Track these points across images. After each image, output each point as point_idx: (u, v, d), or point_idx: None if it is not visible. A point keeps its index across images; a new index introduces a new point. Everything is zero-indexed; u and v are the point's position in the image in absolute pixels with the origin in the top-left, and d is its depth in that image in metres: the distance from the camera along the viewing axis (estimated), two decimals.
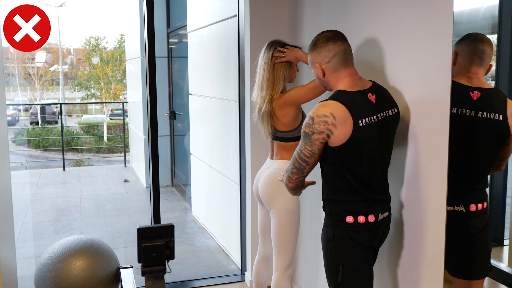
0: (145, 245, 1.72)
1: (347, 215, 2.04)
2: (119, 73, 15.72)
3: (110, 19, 22.42)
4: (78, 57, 18.29)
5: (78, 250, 3.11)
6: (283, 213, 2.67)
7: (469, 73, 2.02)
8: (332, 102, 1.98)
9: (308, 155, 2.01)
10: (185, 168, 6.61)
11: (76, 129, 16.10)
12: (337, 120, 1.94)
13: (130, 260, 4.28)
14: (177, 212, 5.86)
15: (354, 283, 2.09)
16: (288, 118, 2.62)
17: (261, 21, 3.40)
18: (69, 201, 6.23)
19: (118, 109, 18.32)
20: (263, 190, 2.74)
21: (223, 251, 4.45)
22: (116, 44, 16.02)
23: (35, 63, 16.88)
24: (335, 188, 2.08)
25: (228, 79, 4.15)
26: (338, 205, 2.07)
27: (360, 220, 2.03)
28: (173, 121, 6.93)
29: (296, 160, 2.06)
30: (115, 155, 13.24)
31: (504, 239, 2.33)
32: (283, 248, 2.71)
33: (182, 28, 6.10)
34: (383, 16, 2.30)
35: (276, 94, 2.62)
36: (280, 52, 2.64)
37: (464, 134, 2.03)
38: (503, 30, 2.48)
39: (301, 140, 2.04)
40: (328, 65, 2.07)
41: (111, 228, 5.21)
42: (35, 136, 13.08)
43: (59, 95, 20.53)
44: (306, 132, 1.99)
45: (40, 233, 5.05)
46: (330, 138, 1.96)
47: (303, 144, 2.02)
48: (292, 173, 2.09)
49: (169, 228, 1.77)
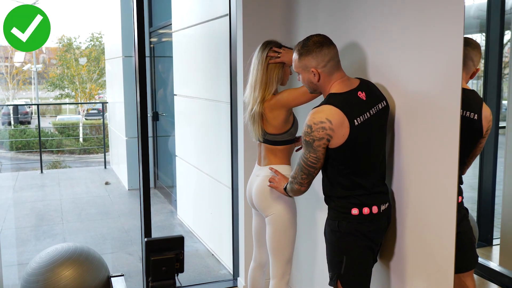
0: (154, 258, 1.62)
1: (352, 207, 2.13)
2: (95, 73, 15.44)
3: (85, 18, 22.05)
4: (50, 57, 17.94)
5: (67, 259, 2.98)
6: (279, 219, 2.60)
7: None
8: (326, 107, 2.07)
9: (314, 161, 2.12)
10: (169, 170, 6.48)
11: (51, 129, 15.77)
12: (333, 124, 2.03)
13: (117, 267, 4.15)
14: (162, 215, 5.73)
15: (356, 274, 2.17)
16: (278, 120, 2.55)
17: (254, 20, 3.32)
18: (49, 205, 6.03)
19: (94, 109, 18.03)
20: (257, 199, 2.66)
21: (213, 256, 4.35)
22: (90, 44, 15.73)
23: (13, 62, 16.48)
24: (338, 186, 2.17)
25: (219, 80, 4.05)
26: (342, 200, 2.16)
27: (365, 211, 2.12)
28: (155, 122, 6.79)
29: (303, 167, 2.17)
30: (92, 156, 12.99)
31: (493, 239, 2.36)
32: (279, 255, 2.63)
33: (166, 27, 5.97)
34: (387, 16, 2.24)
35: (268, 95, 2.55)
36: (275, 52, 2.57)
37: None
38: (491, 29, 2.47)
39: (304, 148, 2.13)
40: (324, 69, 2.14)
41: (95, 233, 5.05)
42: (8, 137, 12.72)
43: (31, 95, 20.11)
44: (307, 141, 2.09)
45: (21, 239, 4.86)
46: (331, 141, 2.06)
47: (307, 152, 2.11)
48: (303, 179, 2.21)
49: (179, 240, 1.68)
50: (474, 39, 2.17)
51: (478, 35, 2.61)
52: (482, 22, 2.58)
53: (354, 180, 2.12)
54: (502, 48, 2.58)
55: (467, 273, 2.12)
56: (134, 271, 4.06)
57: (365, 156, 2.11)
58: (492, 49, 2.52)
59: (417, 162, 2.10)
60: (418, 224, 2.13)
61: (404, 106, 2.17)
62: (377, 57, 2.34)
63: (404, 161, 2.17)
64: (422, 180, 2.08)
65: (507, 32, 2.26)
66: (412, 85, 2.11)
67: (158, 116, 6.69)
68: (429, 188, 2.04)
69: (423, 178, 2.08)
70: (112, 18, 7.31)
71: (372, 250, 2.19)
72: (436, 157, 1.99)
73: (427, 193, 2.05)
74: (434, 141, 1.99)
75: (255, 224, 2.86)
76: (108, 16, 7.82)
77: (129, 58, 6.63)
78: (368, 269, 2.21)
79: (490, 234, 2.38)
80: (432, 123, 2.00)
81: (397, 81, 2.20)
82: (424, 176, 2.07)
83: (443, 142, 1.94)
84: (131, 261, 4.33)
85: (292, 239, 2.65)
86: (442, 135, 1.95)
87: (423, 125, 2.05)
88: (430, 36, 1.99)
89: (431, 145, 2.01)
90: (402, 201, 2.20)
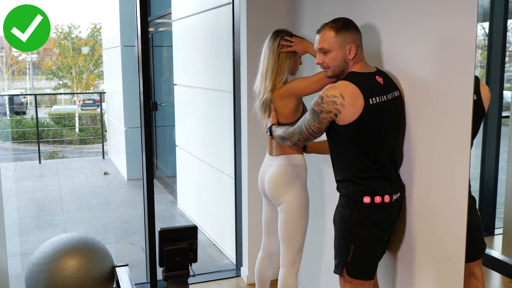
0: (168, 248, 1.62)
1: (364, 195, 2.12)
2: (91, 63, 15.35)
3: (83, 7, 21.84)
4: (45, 46, 17.80)
5: (71, 249, 2.97)
6: (293, 206, 2.60)
7: None
8: (343, 83, 2.09)
9: (316, 131, 2.15)
10: (168, 160, 6.47)
11: (47, 120, 15.69)
12: (345, 100, 2.03)
13: (120, 257, 4.15)
14: (163, 205, 5.73)
15: (363, 262, 2.16)
16: (288, 109, 2.54)
17: (258, 8, 3.29)
18: (48, 195, 6.02)
19: (90, 99, 17.95)
20: (270, 189, 2.66)
21: (215, 245, 4.36)
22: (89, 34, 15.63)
23: (10, 53, 16.35)
24: (350, 168, 2.15)
25: (221, 70, 4.03)
26: (355, 186, 2.14)
27: (376, 200, 2.11)
28: (154, 112, 6.76)
29: (304, 132, 2.20)
30: (89, 146, 12.94)
31: (495, 228, 2.38)
32: (291, 243, 2.63)
33: (165, 16, 5.93)
34: (395, 5, 2.22)
35: (278, 84, 2.53)
36: (287, 41, 2.55)
37: None
38: (495, 18, 2.46)
39: (310, 115, 2.14)
40: (359, 48, 2.17)
41: (96, 223, 5.04)
42: (4, 127, 12.66)
43: (26, 85, 19.99)
44: (315, 110, 2.10)
45: (22, 229, 4.85)
46: (338, 117, 2.06)
47: (312, 121, 2.13)
48: (299, 141, 2.26)
49: (192, 230, 1.67)
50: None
51: (482, 24, 2.61)
52: (486, 11, 2.57)
53: (365, 162, 2.11)
54: (505, 37, 2.57)
55: (476, 262, 2.13)
56: (136, 261, 4.06)
57: (377, 139, 2.11)
58: (496, 38, 2.51)
59: (428, 150, 2.10)
60: (427, 213, 2.13)
61: (414, 94, 2.16)
62: (386, 46, 2.33)
63: (414, 150, 2.17)
64: (433, 168, 2.08)
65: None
66: (422, 72, 2.11)
67: (157, 106, 6.67)
68: (440, 177, 2.04)
69: (433, 167, 2.08)
70: (110, 8, 7.25)
71: (381, 240, 2.18)
72: (447, 145, 1.99)
73: (438, 182, 2.05)
74: (446, 129, 1.99)
75: (266, 214, 2.85)
76: (106, 6, 7.75)
77: (128, 48, 6.59)
78: (376, 259, 2.21)
79: (492, 224, 2.40)
80: (443, 111, 2.00)
81: (407, 69, 2.19)
82: (435, 164, 2.07)
83: (455, 130, 1.94)
84: (133, 251, 4.33)
85: (304, 228, 2.64)
86: (454, 123, 1.95)
87: (434, 113, 2.04)
88: (443, 21, 1.98)
89: (442, 133, 2.01)
90: (412, 190, 2.20)
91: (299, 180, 2.62)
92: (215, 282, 3.64)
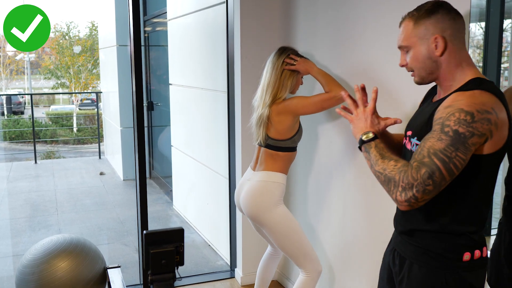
0: (153, 251, 1.59)
1: (465, 251, 1.51)
2: (90, 62, 15.34)
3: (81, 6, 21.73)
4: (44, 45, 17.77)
5: (62, 250, 2.94)
6: (277, 228, 2.51)
7: None
8: (486, 94, 1.42)
9: (460, 166, 1.40)
10: (164, 160, 6.44)
11: (44, 119, 15.68)
12: (499, 118, 1.41)
13: (113, 258, 4.12)
14: (158, 206, 5.70)
15: None
16: (283, 125, 2.51)
17: (252, 8, 3.26)
18: (43, 196, 5.98)
19: (88, 99, 17.95)
20: (246, 205, 2.57)
21: (209, 246, 4.33)
22: (87, 33, 15.62)
23: (5, 51, 16.34)
24: (470, 215, 1.52)
25: (216, 69, 4.00)
26: (452, 238, 1.53)
27: (476, 255, 1.52)
28: (150, 112, 6.74)
29: (438, 170, 1.38)
30: (86, 146, 12.92)
31: (491, 229, 2.42)
32: (294, 254, 2.55)
33: (161, 15, 5.90)
34: (391, 12, 2.20)
35: (278, 100, 2.51)
36: (292, 59, 2.53)
37: None
38: (491, 18, 2.44)
39: (450, 144, 1.38)
40: (453, 39, 1.52)
41: (90, 224, 5.01)
42: (2, 127, 12.64)
43: (24, 85, 19.98)
44: (460, 134, 1.38)
45: (16, 230, 4.82)
46: (488, 141, 1.43)
47: (454, 150, 1.38)
48: (426, 192, 1.39)
49: (179, 232, 1.64)
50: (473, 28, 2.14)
51: (478, 23, 2.59)
52: (482, 11, 2.56)
53: (479, 208, 1.52)
54: (501, 37, 2.56)
55: None
56: (130, 262, 4.03)
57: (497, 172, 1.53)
58: (492, 38, 2.49)
59: None
60: None
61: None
62: (381, 54, 2.30)
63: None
64: None
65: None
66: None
67: (153, 105, 6.63)
68: None
69: None
70: (106, 7, 7.22)
71: None
72: None
73: None
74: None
75: (253, 226, 2.80)
76: (102, 5, 7.72)
77: (123, 47, 6.56)
78: None
79: (488, 224, 2.39)
80: None
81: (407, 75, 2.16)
82: None
83: None
84: (127, 252, 4.30)
85: (299, 238, 2.54)
86: None
87: None
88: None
89: None
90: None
91: (275, 197, 2.52)
92: (209, 283, 3.61)
